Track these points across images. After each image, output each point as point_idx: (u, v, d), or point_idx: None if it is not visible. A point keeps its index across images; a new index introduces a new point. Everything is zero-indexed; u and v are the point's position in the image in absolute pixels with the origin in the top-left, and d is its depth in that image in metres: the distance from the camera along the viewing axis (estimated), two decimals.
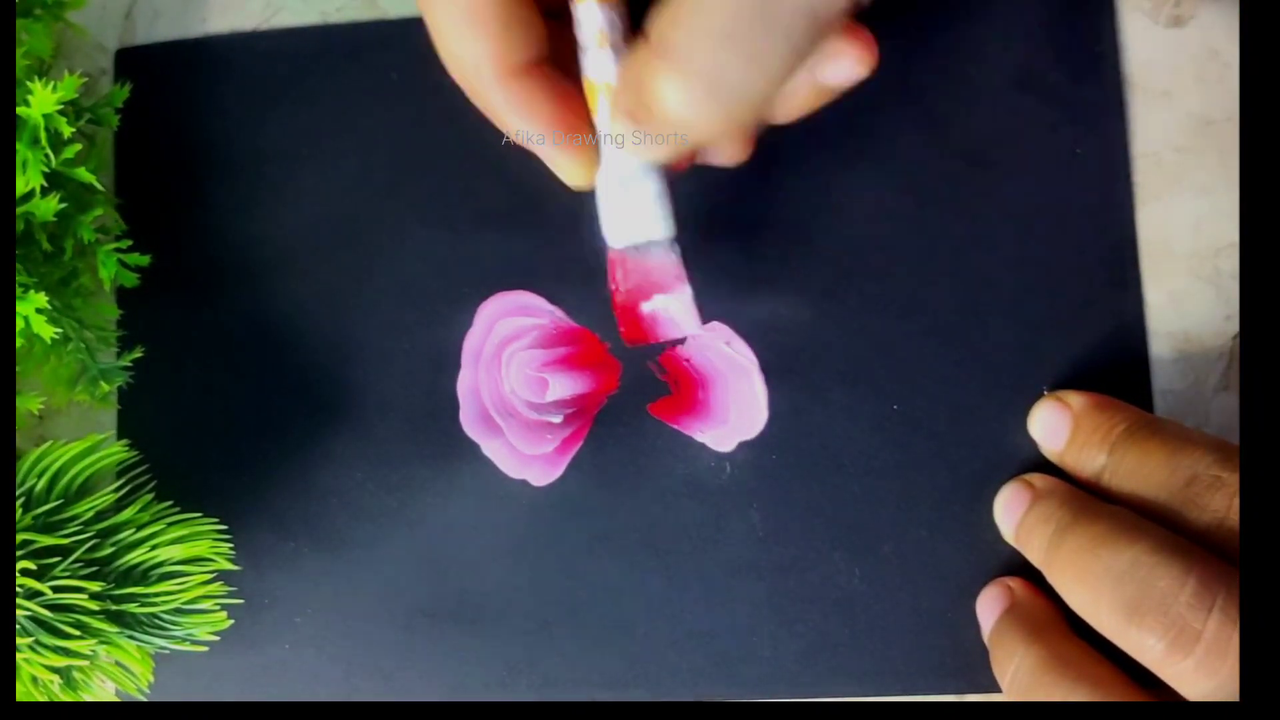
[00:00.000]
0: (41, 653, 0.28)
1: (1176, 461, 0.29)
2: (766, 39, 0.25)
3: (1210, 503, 0.27)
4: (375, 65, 0.35)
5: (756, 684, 0.33)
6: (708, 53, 0.25)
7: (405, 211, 0.35)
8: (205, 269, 0.35)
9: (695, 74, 0.26)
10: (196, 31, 0.36)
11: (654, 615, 0.33)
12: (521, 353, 0.34)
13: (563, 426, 0.34)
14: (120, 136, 0.35)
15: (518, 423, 0.34)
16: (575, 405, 0.34)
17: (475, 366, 0.35)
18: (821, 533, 0.33)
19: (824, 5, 0.25)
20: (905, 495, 0.33)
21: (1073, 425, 0.31)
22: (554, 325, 0.34)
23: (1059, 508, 0.30)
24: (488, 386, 0.34)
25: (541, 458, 0.34)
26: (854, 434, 0.33)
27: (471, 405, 0.34)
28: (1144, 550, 0.27)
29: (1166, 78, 0.34)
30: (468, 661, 0.34)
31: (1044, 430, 0.32)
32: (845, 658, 0.33)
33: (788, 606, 0.33)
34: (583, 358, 0.34)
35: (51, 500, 0.30)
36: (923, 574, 0.33)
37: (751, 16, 0.25)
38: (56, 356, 0.32)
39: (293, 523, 0.34)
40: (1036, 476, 0.32)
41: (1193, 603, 0.25)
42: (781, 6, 0.25)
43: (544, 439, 0.34)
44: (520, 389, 0.34)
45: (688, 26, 0.25)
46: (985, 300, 0.33)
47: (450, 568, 0.34)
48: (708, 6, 0.25)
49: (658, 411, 0.34)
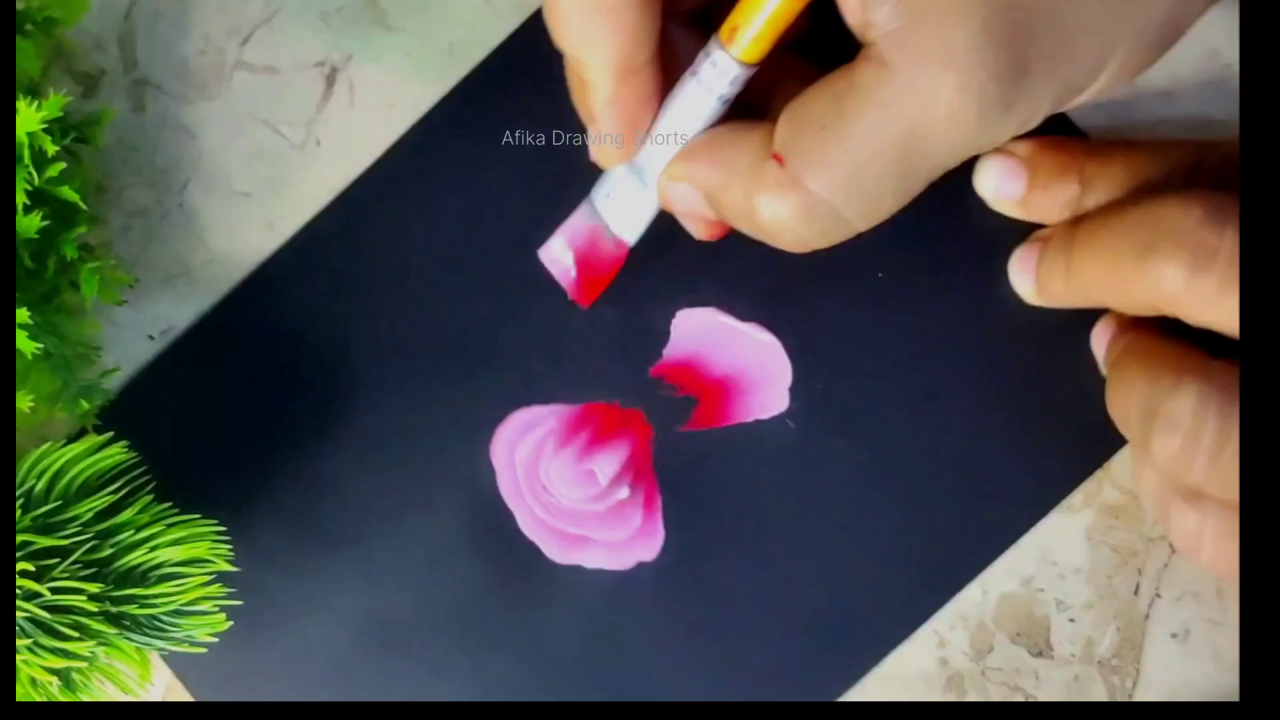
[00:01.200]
0: (40, 654, 0.28)
1: (1173, 159, 0.29)
2: (894, 185, 0.26)
3: (1208, 180, 0.28)
4: (325, 266, 0.35)
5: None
6: (837, 189, 0.26)
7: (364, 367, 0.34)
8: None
9: (816, 204, 0.26)
10: (196, 32, 0.36)
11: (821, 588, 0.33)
12: (553, 463, 0.34)
13: (634, 496, 0.34)
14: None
15: (596, 522, 0.34)
16: (630, 470, 0.34)
17: (526, 504, 0.34)
18: (902, 419, 0.33)
19: (948, 160, 0.25)
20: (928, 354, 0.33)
21: (1028, 169, 0.31)
22: (560, 421, 0.34)
23: (1065, 233, 0.29)
24: (548, 512, 0.34)
25: (638, 534, 0.34)
26: (860, 321, 0.33)
27: (548, 538, 0.34)
28: (1148, 204, 0.27)
29: (1167, 78, 0.34)
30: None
31: (997, 179, 0.31)
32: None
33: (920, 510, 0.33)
34: (605, 427, 0.34)
35: (51, 501, 0.30)
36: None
37: (891, 162, 0.25)
38: (38, 373, 0.32)
39: (295, 523, 0.34)
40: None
41: (1204, 220, 0.25)
42: (921, 159, 0.25)
43: (628, 518, 0.34)
44: (576, 492, 0.34)
45: (825, 157, 0.25)
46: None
47: (605, 676, 0.34)
48: (853, 143, 0.25)
49: (698, 425, 0.34)
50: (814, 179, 0.26)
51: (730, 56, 0.27)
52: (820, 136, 0.25)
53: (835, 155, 0.25)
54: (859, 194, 0.26)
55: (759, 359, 0.34)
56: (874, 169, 0.25)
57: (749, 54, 0.26)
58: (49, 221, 0.31)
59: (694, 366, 0.34)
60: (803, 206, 0.26)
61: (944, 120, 0.24)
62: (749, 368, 0.34)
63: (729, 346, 0.34)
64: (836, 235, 0.27)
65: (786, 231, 0.27)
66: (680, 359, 0.34)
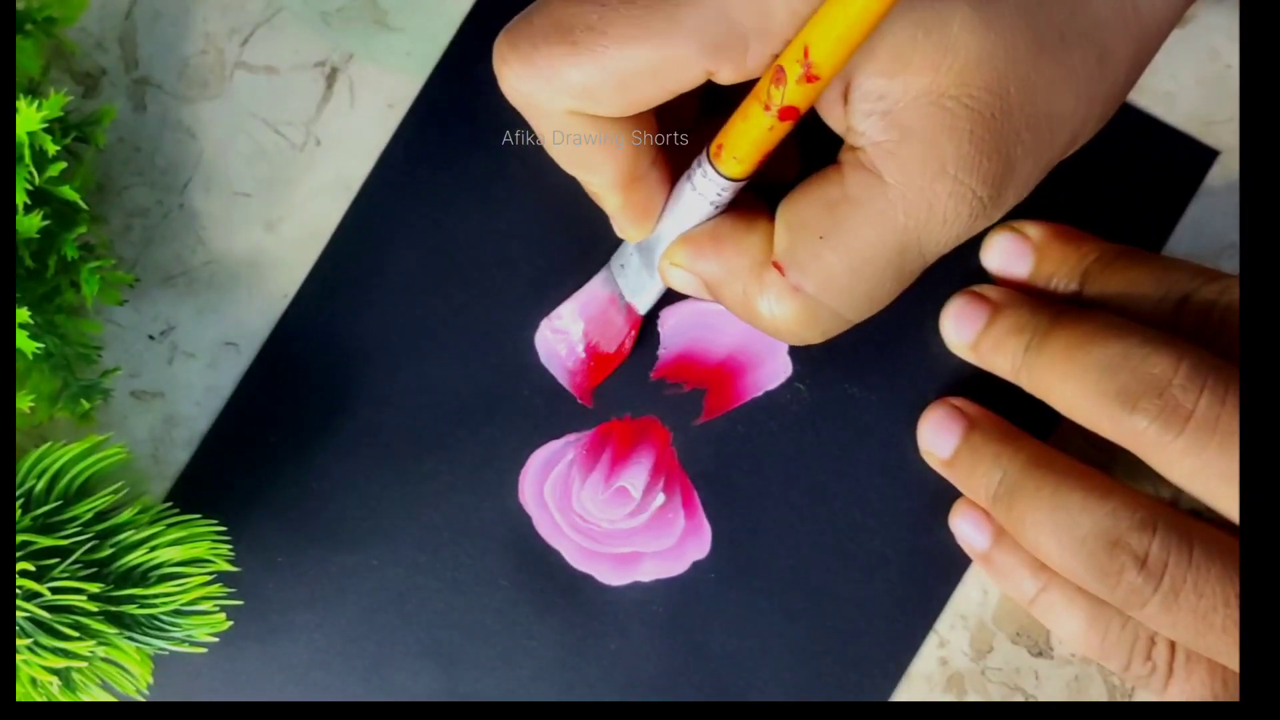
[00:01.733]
0: (40, 654, 0.28)
1: (1168, 284, 0.29)
2: (891, 283, 0.27)
3: (1212, 311, 0.28)
4: (332, 275, 0.35)
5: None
6: (837, 295, 0.27)
7: (364, 365, 0.35)
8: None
9: (816, 308, 0.27)
10: (197, 32, 0.36)
11: (878, 538, 0.33)
12: (584, 491, 0.34)
13: (672, 500, 0.34)
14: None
15: (642, 535, 0.34)
16: (660, 476, 0.34)
17: (569, 540, 0.34)
18: (913, 362, 0.33)
19: (941, 252, 0.27)
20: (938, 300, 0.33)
21: (1035, 254, 0.31)
22: (580, 449, 0.34)
23: (1032, 315, 0.30)
24: (592, 540, 0.34)
25: (685, 536, 0.34)
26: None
27: (600, 565, 0.34)
28: (1135, 343, 0.27)
29: (1167, 79, 0.34)
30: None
31: (1003, 258, 0.32)
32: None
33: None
34: (625, 443, 0.34)
35: (51, 501, 0.30)
36: None
37: (888, 265, 0.26)
38: (38, 372, 0.32)
39: (295, 523, 0.34)
40: (988, 288, 0.32)
41: (1184, 384, 0.26)
42: (916, 258, 0.26)
43: (671, 523, 0.34)
44: (614, 513, 0.34)
45: (824, 267, 0.26)
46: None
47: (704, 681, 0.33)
48: (850, 252, 0.26)
49: (712, 414, 0.34)
50: (814, 286, 0.27)
51: (718, 172, 0.27)
52: (818, 247, 0.26)
53: (833, 264, 0.26)
54: (857, 296, 0.27)
55: (751, 333, 0.34)
56: (871, 272, 0.26)
57: (734, 172, 0.27)
58: (49, 221, 0.31)
59: (692, 359, 0.34)
60: (804, 310, 0.27)
61: (938, 224, 0.26)
62: (744, 345, 0.34)
63: (718, 330, 0.34)
64: (835, 330, 0.28)
65: (788, 332, 0.28)
66: (676, 355, 0.34)
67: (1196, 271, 0.29)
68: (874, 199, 0.26)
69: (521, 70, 0.26)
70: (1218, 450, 0.26)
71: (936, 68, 0.24)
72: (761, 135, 0.26)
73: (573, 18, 0.25)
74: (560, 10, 0.25)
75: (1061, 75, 0.25)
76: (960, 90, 0.25)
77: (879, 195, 0.25)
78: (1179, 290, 0.29)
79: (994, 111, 0.25)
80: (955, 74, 0.24)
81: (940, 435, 0.32)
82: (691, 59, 0.24)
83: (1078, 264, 0.31)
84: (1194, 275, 0.29)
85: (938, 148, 0.25)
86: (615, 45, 0.24)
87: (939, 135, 0.25)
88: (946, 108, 0.25)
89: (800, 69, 0.24)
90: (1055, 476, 0.28)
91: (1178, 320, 0.29)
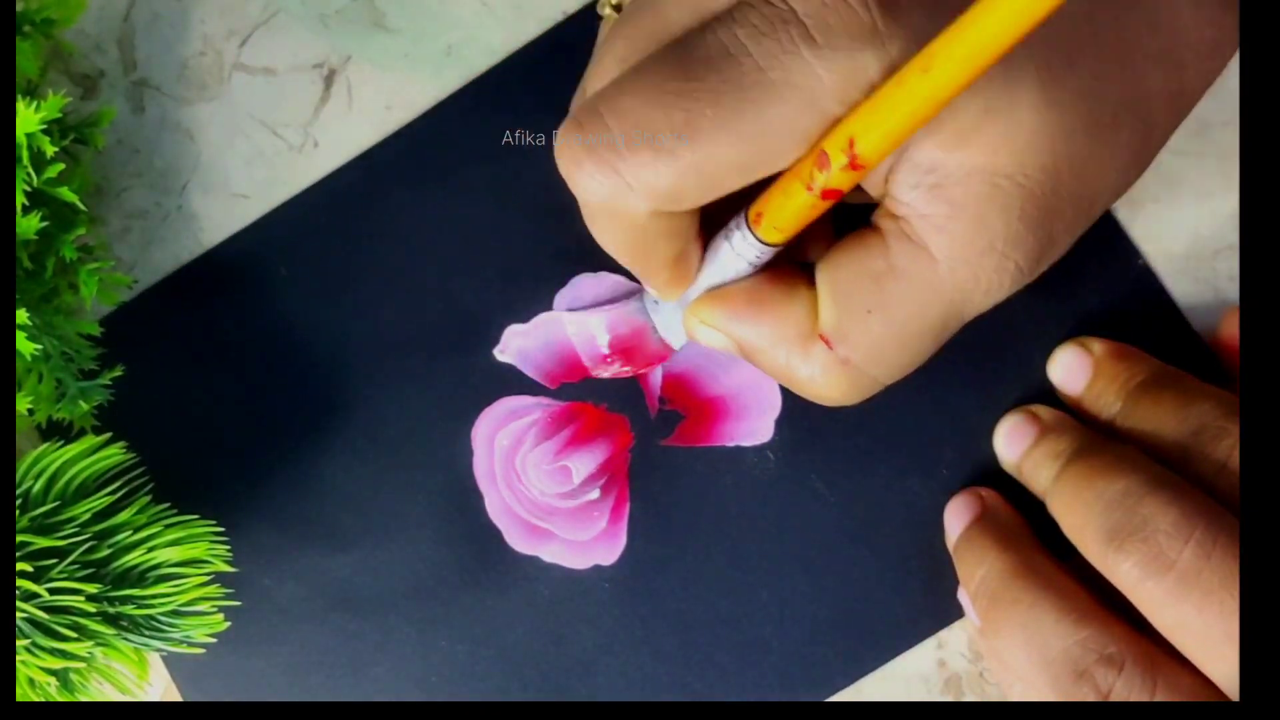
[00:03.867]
0: (38, 655, 0.28)
1: (1187, 412, 0.29)
2: (931, 348, 0.27)
3: (1214, 451, 0.28)
4: (315, 230, 0.35)
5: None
6: (882, 365, 0.27)
7: (375, 363, 0.35)
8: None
9: (861, 378, 0.27)
10: (195, 34, 0.36)
11: (774, 623, 0.33)
12: (531, 453, 0.34)
13: (604, 499, 0.34)
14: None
15: (562, 518, 0.34)
16: (604, 473, 0.34)
17: (496, 487, 0.34)
18: (883, 471, 0.33)
19: (973, 315, 0.27)
20: (940, 399, 0.33)
21: (1093, 370, 0.32)
22: (547, 414, 0.34)
23: (1067, 443, 0.30)
24: (517, 500, 0.34)
25: (599, 537, 0.34)
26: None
27: (512, 525, 0.34)
28: (1136, 482, 0.27)
29: None
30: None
31: (1064, 374, 0.32)
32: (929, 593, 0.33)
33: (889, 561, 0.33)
34: (588, 428, 0.34)
35: (49, 502, 0.30)
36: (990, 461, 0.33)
37: (931, 334, 0.26)
38: (37, 374, 0.32)
39: (292, 524, 0.34)
40: (1041, 408, 0.32)
41: (1172, 532, 0.26)
42: (955, 324, 0.26)
43: (593, 519, 0.34)
44: (547, 486, 0.34)
45: (874, 342, 0.26)
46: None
47: (550, 674, 0.34)
48: (899, 327, 0.26)
49: (681, 441, 0.34)
50: (862, 359, 0.27)
51: (756, 236, 0.27)
52: (866, 322, 0.26)
53: (882, 337, 0.26)
54: (901, 364, 0.27)
55: (753, 385, 0.34)
56: (917, 343, 0.26)
57: (774, 239, 0.27)
58: (48, 223, 0.31)
59: (688, 382, 0.34)
60: (849, 380, 0.27)
61: (980, 295, 0.26)
62: (740, 393, 0.34)
63: (724, 368, 0.34)
64: (870, 393, 0.28)
65: (828, 398, 0.28)
66: (676, 374, 0.34)
67: (1217, 401, 0.29)
68: (921, 273, 0.25)
69: (604, 179, 0.24)
70: (1196, 606, 0.26)
71: (997, 150, 0.24)
72: (803, 211, 0.25)
73: (656, 122, 0.24)
74: (640, 111, 0.24)
75: (1110, 154, 0.25)
76: (1016, 170, 0.24)
77: (927, 270, 0.25)
78: (1195, 419, 0.29)
79: (1045, 191, 0.25)
80: (1013, 155, 0.24)
81: (953, 517, 0.32)
82: (786, 153, 0.24)
83: (1125, 383, 0.31)
84: (1214, 405, 0.29)
85: (987, 225, 0.25)
86: (705, 150, 0.24)
87: (990, 213, 0.24)
88: (1000, 186, 0.24)
89: (845, 158, 0.23)
90: (1035, 591, 0.29)
91: (1193, 444, 0.29)
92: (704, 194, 0.25)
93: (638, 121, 0.24)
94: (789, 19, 0.23)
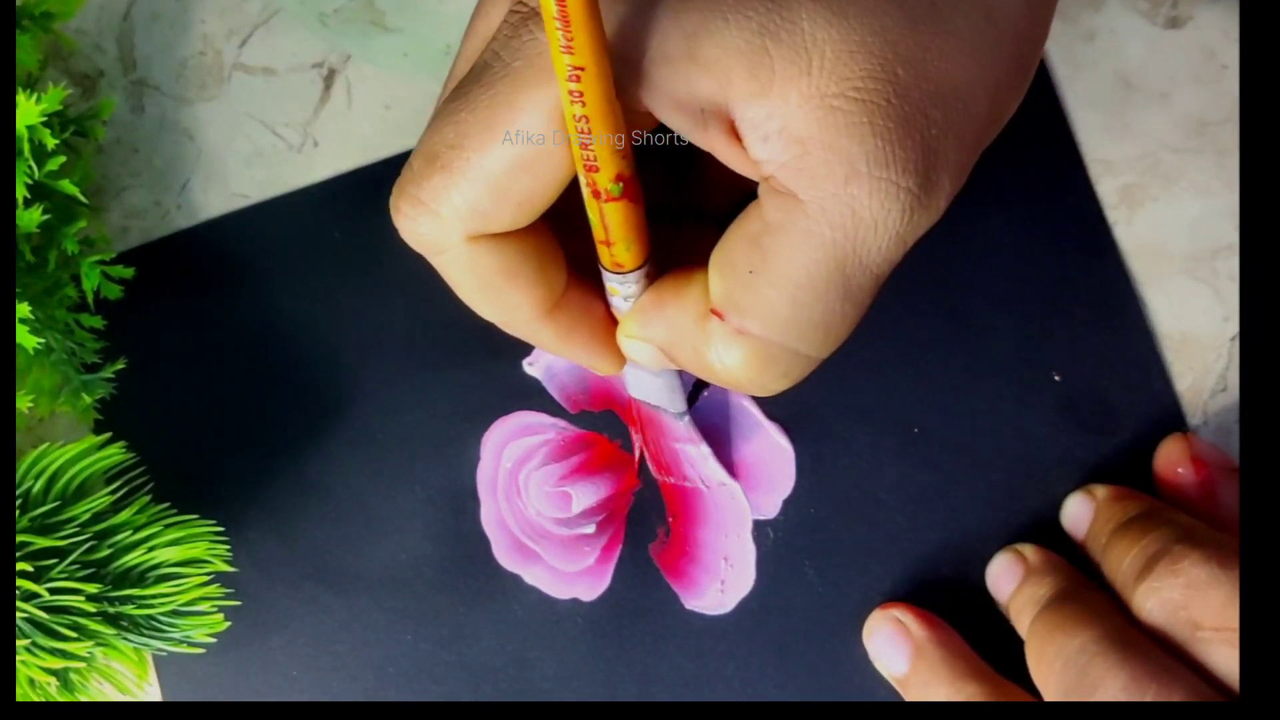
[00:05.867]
0: (38, 654, 0.28)
1: (1148, 540, 0.29)
2: (841, 305, 0.25)
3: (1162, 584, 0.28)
4: (319, 227, 0.35)
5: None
6: (784, 329, 0.25)
7: (377, 364, 0.35)
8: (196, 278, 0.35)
9: (766, 348, 0.25)
10: (195, 33, 0.36)
11: (734, 698, 0.33)
12: (536, 472, 0.34)
13: (598, 535, 0.34)
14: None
15: (552, 543, 0.34)
16: (604, 510, 0.34)
17: (494, 498, 0.34)
18: (878, 573, 0.33)
19: (889, 259, 0.25)
20: (950, 514, 0.33)
21: (1093, 514, 0.32)
22: (560, 437, 0.34)
23: (1046, 587, 0.31)
24: (512, 515, 0.34)
25: (585, 572, 0.34)
26: (883, 466, 0.33)
27: (502, 537, 0.34)
28: (1090, 639, 0.27)
29: (1164, 79, 0.34)
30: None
31: (1070, 521, 0.33)
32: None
33: (860, 662, 0.33)
34: (597, 461, 0.34)
35: (49, 502, 0.30)
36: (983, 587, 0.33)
37: (829, 285, 0.24)
38: (39, 367, 0.32)
39: (292, 524, 0.34)
40: (1028, 549, 0.32)
41: (1121, 697, 0.26)
42: (859, 271, 0.24)
43: (582, 553, 0.34)
44: (545, 508, 0.34)
45: (762, 302, 0.25)
46: (982, 309, 0.33)
47: (505, 693, 0.33)
48: (785, 281, 0.24)
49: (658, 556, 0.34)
50: (758, 326, 0.25)
51: (614, 275, 0.26)
52: (750, 283, 0.25)
53: (772, 298, 0.25)
54: (808, 326, 0.25)
55: (768, 459, 0.34)
56: (813, 298, 0.25)
57: (625, 263, 0.26)
58: (49, 216, 0.31)
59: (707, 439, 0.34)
60: (754, 353, 0.25)
61: (867, 229, 0.24)
62: (756, 463, 0.34)
63: (745, 436, 0.34)
64: (798, 371, 0.26)
65: (746, 380, 0.26)
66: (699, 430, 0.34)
67: (1173, 530, 0.29)
68: (795, 220, 0.24)
69: (413, 212, 0.24)
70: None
71: (804, 70, 0.23)
72: (615, 215, 0.25)
73: (435, 144, 0.24)
74: (426, 140, 0.24)
75: (950, 43, 0.24)
76: (841, 86, 0.23)
77: (798, 215, 0.24)
78: (1152, 550, 0.29)
79: (887, 98, 0.23)
80: (828, 71, 0.23)
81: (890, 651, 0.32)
82: (545, 132, 0.23)
83: (1116, 522, 0.31)
84: (1169, 534, 0.29)
85: (841, 150, 0.23)
86: (477, 153, 0.24)
87: (838, 137, 0.23)
88: (835, 107, 0.23)
89: (576, 125, 0.23)
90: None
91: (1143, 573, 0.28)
92: (503, 202, 0.24)
93: (425, 151, 0.24)
94: (529, 16, 0.23)
